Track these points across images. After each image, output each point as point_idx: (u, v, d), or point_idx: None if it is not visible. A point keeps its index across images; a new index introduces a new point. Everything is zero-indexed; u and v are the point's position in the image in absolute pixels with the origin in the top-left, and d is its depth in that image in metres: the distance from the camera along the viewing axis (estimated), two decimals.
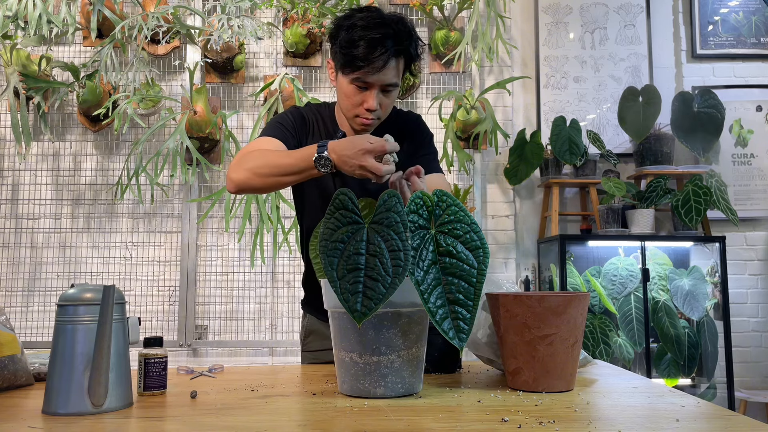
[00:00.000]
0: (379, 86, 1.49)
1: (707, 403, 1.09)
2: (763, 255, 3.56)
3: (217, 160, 3.36)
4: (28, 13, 2.93)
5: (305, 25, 3.30)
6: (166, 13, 3.11)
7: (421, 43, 1.56)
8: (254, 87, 3.51)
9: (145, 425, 0.96)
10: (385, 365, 1.13)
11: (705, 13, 3.68)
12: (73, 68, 3.22)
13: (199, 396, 1.17)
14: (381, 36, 1.44)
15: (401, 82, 1.55)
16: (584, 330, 1.21)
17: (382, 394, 1.13)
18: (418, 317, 1.17)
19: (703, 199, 3.19)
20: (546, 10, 3.66)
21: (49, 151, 3.47)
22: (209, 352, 3.37)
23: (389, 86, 1.50)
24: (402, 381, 1.14)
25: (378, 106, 1.50)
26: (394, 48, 1.45)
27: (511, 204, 3.53)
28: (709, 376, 3.26)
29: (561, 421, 0.94)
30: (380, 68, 1.45)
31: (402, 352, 1.14)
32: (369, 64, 1.44)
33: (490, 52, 3.24)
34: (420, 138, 1.67)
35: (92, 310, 1.04)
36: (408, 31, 1.49)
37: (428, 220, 1.16)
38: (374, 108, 1.49)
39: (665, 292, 3.28)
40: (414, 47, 1.51)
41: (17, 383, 1.25)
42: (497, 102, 3.55)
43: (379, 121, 1.56)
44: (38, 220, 3.43)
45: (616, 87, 3.60)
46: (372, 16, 1.47)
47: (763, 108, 3.64)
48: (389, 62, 1.46)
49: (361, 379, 1.14)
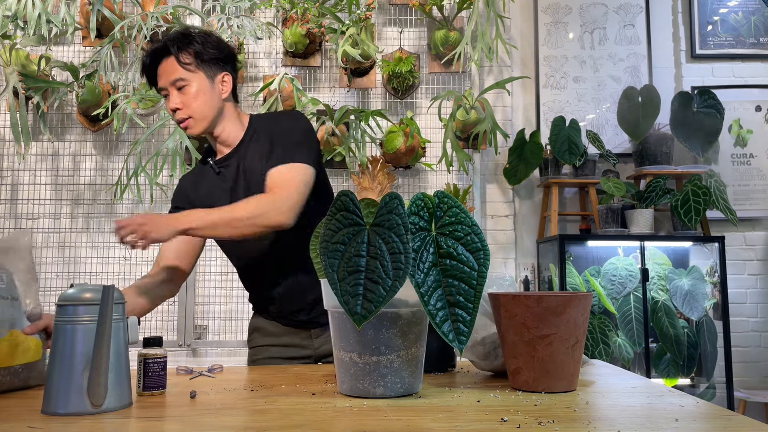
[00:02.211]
0: (169, 86, 1.61)
1: (706, 402, 1.09)
2: (763, 255, 3.56)
3: None
4: (27, 12, 2.93)
5: (305, 25, 3.30)
6: (166, 13, 3.11)
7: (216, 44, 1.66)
8: (254, 87, 3.51)
9: (145, 425, 0.96)
10: (384, 365, 1.13)
11: (704, 13, 3.69)
12: (73, 68, 3.22)
13: (198, 396, 1.17)
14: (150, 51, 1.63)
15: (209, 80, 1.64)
16: (586, 330, 1.21)
17: (381, 394, 1.13)
18: (418, 318, 1.17)
19: (703, 199, 3.19)
20: (545, 10, 3.66)
21: (48, 151, 3.47)
22: (209, 352, 3.37)
23: (175, 82, 1.60)
24: (401, 381, 1.14)
25: (180, 103, 1.61)
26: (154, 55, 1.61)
27: (511, 204, 3.53)
28: (709, 376, 3.26)
29: (560, 421, 0.94)
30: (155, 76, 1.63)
31: (401, 352, 1.14)
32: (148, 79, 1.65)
33: (490, 52, 3.24)
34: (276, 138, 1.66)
35: (92, 310, 1.04)
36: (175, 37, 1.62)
37: (429, 222, 1.16)
38: (173, 108, 1.62)
39: (664, 292, 3.29)
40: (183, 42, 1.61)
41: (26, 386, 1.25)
42: (497, 102, 3.55)
43: (196, 121, 1.64)
44: (37, 220, 3.43)
45: (615, 87, 3.60)
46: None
47: (762, 108, 3.64)
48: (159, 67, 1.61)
49: (361, 379, 1.14)
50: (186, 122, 1.63)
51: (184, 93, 1.61)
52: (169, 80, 1.60)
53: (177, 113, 1.62)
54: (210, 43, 1.64)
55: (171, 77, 1.60)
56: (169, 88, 1.61)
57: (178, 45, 1.60)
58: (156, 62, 1.61)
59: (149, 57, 1.62)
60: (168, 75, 1.60)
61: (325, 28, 3.29)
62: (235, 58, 1.72)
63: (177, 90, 1.61)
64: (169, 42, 1.60)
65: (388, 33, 3.59)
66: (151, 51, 1.62)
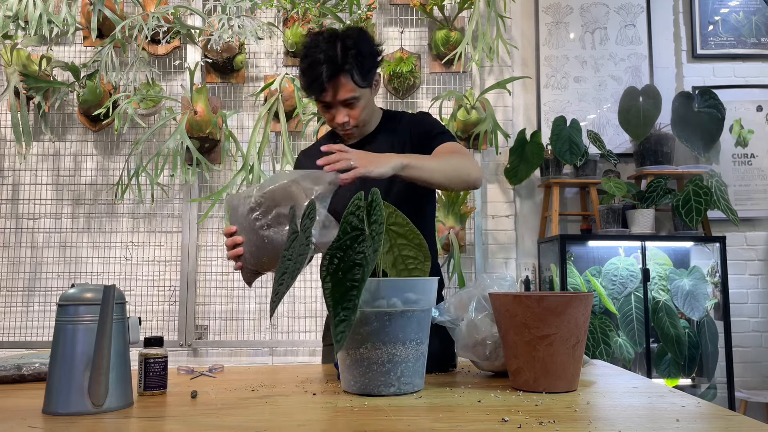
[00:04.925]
0: (338, 103, 1.55)
1: (707, 403, 1.09)
2: (764, 255, 3.56)
3: (218, 160, 3.36)
4: (28, 13, 2.93)
5: (305, 25, 3.30)
6: (167, 13, 3.12)
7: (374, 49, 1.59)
8: (254, 87, 3.51)
9: (145, 425, 0.96)
10: (387, 362, 1.13)
11: (705, 13, 3.68)
12: (74, 68, 3.22)
13: (199, 396, 1.17)
14: (313, 62, 1.51)
15: (371, 88, 1.60)
16: (587, 330, 1.21)
17: (384, 391, 1.14)
18: (421, 316, 1.17)
19: (704, 199, 3.19)
20: (546, 10, 3.66)
21: (49, 151, 3.48)
22: (209, 352, 3.37)
23: (347, 101, 1.55)
24: (405, 378, 1.15)
25: (347, 118, 1.57)
26: (329, 71, 1.50)
27: (512, 204, 3.53)
28: (710, 376, 3.26)
29: (561, 421, 0.94)
30: (324, 90, 1.52)
31: (405, 350, 1.14)
32: (312, 91, 1.54)
33: (491, 52, 3.24)
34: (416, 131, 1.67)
35: (92, 310, 1.04)
36: (346, 47, 1.52)
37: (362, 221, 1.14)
38: (341, 122, 1.57)
39: (665, 292, 3.28)
40: (356, 59, 1.52)
41: None
42: (497, 102, 3.55)
43: (359, 129, 1.62)
44: (39, 220, 3.43)
45: (616, 87, 3.60)
46: (308, 43, 1.56)
47: (763, 108, 3.64)
48: (330, 84, 1.51)
49: (364, 377, 1.14)
50: (350, 131, 1.61)
51: (352, 107, 1.57)
52: (342, 99, 1.54)
53: (344, 125, 1.58)
54: (376, 53, 1.58)
55: (344, 96, 1.54)
56: (335, 104, 1.56)
57: (356, 65, 1.52)
58: (330, 77, 1.51)
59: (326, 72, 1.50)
60: (342, 94, 1.53)
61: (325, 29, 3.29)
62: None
63: (345, 105, 1.56)
64: (348, 61, 1.51)
65: (389, 33, 3.59)
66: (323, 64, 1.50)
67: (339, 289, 1.07)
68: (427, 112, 1.76)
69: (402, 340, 1.15)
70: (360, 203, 1.13)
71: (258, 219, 1.34)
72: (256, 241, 1.34)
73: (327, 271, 1.09)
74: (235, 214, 1.38)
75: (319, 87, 1.52)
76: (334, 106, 1.56)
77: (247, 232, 1.36)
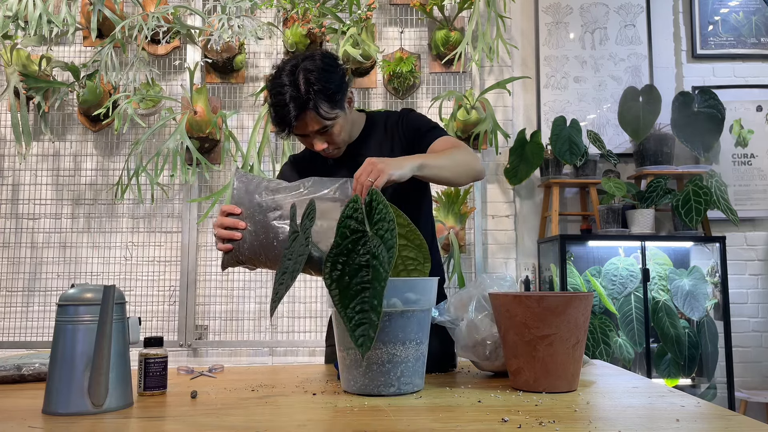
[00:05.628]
0: (312, 134, 1.54)
1: (707, 403, 1.09)
2: (764, 255, 3.56)
3: (217, 160, 3.36)
4: (28, 13, 2.93)
5: (305, 25, 3.30)
6: (167, 13, 3.11)
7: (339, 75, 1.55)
8: (254, 87, 3.51)
9: (145, 425, 0.96)
10: (387, 362, 1.13)
11: (705, 13, 3.68)
12: (74, 68, 3.22)
13: (199, 396, 1.17)
14: (278, 103, 1.49)
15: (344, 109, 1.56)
16: (587, 330, 1.21)
17: (384, 391, 1.14)
18: (421, 316, 1.17)
19: (704, 199, 3.19)
20: (546, 10, 3.66)
21: (49, 151, 3.48)
22: (209, 352, 3.37)
23: (320, 131, 1.53)
24: (405, 378, 1.15)
25: (326, 144, 1.56)
26: (295, 111, 1.49)
27: (511, 204, 3.53)
28: (710, 376, 3.26)
29: (561, 421, 0.94)
30: (295, 127, 1.51)
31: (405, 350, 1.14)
32: (283, 128, 1.52)
33: (491, 52, 3.24)
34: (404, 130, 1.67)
35: (92, 310, 1.04)
36: (309, 83, 1.49)
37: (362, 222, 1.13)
38: (321, 149, 1.56)
39: (665, 292, 3.28)
40: (320, 94, 1.49)
41: None
42: (497, 102, 3.55)
43: (340, 150, 1.61)
44: (38, 220, 3.43)
45: (616, 87, 3.60)
46: (273, 77, 1.54)
47: (763, 108, 3.64)
48: (298, 122, 1.50)
49: (364, 377, 1.14)
50: (334, 153, 1.61)
51: (328, 134, 1.56)
52: (312, 131, 1.53)
53: (324, 150, 1.58)
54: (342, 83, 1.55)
55: (314, 128, 1.53)
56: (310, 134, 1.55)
57: (322, 99, 1.50)
58: (296, 116, 1.50)
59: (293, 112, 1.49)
60: (311, 127, 1.52)
61: (325, 29, 3.30)
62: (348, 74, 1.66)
63: (320, 134, 1.55)
64: (311, 98, 1.48)
65: (389, 33, 3.59)
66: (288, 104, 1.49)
67: (347, 294, 1.07)
68: (412, 109, 1.75)
69: (402, 340, 1.15)
70: (356, 206, 1.13)
71: (277, 219, 1.33)
72: (264, 238, 1.33)
73: (331, 278, 1.08)
74: (245, 196, 1.36)
75: (288, 125, 1.51)
76: (310, 135, 1.55)
77: (257, 224, 1.34)
